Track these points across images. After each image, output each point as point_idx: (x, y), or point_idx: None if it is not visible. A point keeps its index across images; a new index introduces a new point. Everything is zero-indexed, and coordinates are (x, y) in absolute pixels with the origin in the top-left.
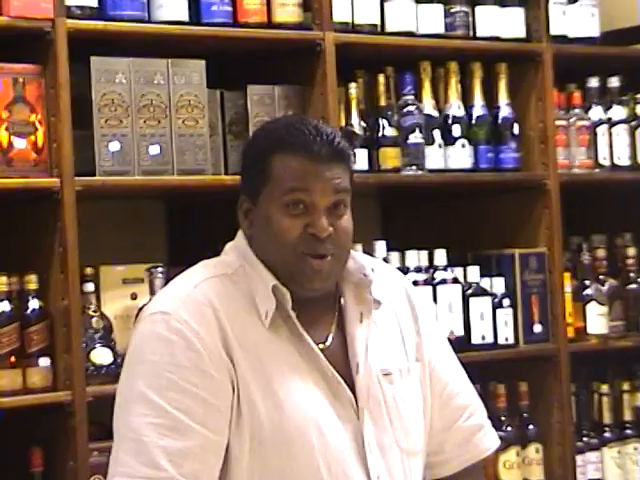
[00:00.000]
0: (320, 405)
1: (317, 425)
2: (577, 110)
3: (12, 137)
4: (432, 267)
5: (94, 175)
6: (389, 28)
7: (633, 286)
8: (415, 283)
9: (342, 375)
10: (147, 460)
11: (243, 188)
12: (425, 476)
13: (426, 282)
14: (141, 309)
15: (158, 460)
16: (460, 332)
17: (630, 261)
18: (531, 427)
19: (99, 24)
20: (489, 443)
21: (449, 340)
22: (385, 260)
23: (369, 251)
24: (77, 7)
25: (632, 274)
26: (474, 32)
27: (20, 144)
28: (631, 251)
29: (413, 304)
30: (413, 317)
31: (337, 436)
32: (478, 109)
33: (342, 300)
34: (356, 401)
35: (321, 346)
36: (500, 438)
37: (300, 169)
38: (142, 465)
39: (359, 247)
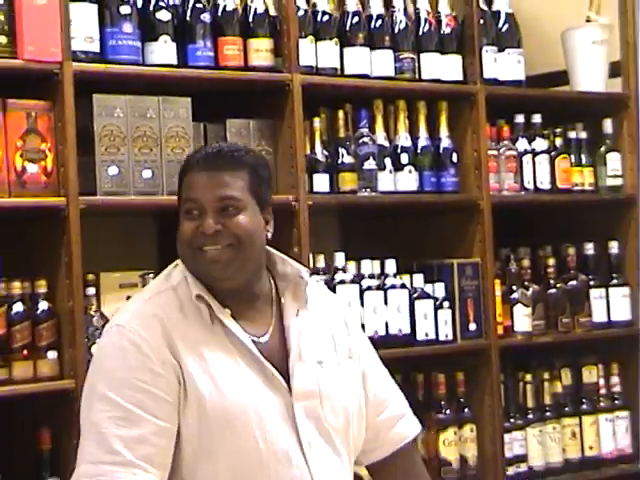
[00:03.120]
0: (256, 388)
1: (254, 406)
2: (506, 142)
3: (25, 163)
4: (383, 274)
5: (95, 195)
6: (347, 71)
7: (552, 291)
8: (369, 288)
9: (279, 361)
10: (107, 448)
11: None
12: (363, 460)
13: (378, 287)
14: None
15: (115, 447)
16: (407, 330)
17: (550, 269)
18: (466, 410)
19: (100, 66)
20: (411, 430)
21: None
22: (343, 269)
23: (330, 260)
24: (82, 52)
25: (552, 281)
26: (419, 75)
27: (32, 169)
28: (551, 261)
29: (345, 315)
30: (345, 326)
31: (272, 414)
32: (423, 140)
33: (282, 299)
34: (289, 382)
35: (262, 339)
36: (440, 420)
37: (193, 181)
38: (103, 452)
39: (321, 257)
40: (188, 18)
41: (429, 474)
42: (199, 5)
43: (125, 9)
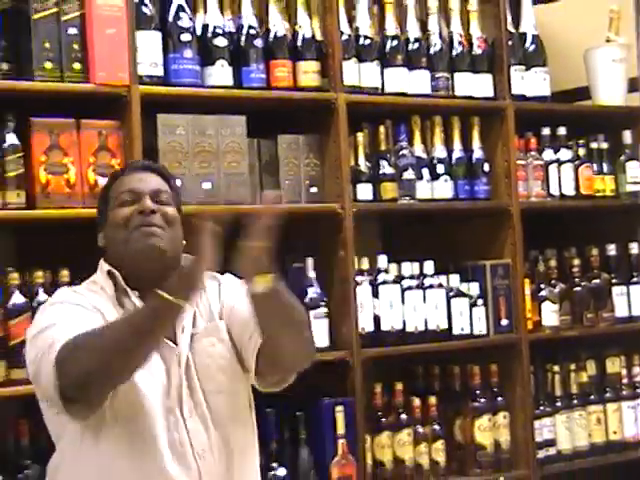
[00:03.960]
0: (148, 370)
1: (142, 379)
2: (533, 152)
3: (97, 177)
4: (422, 275)
5: None
6: (387, 89)
7: (578, 288)
8: (409, 288)
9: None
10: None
11: (98, 222)
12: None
13: (417, 287)
14: None
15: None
16: (444, 326)
17: (575, 269)
18: (499, 399)
19: (164, 89)
20: None
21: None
22: (385, 270)
23: (373, 262)
24: (147, 76)
25: (577, 279)
26: (453, 92)
27: (103, 182)
28: (576, 261)
29: (219, 281)
30: (218, 292)
31: (157, 384)
32: (457, 152)
33: None
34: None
35: None
36: (475, 408)
37: (128, 180)
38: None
39: (365, 260)
40: (242, 43)
41: (466, 459)
42: (252, 32)
43: (186, 36)
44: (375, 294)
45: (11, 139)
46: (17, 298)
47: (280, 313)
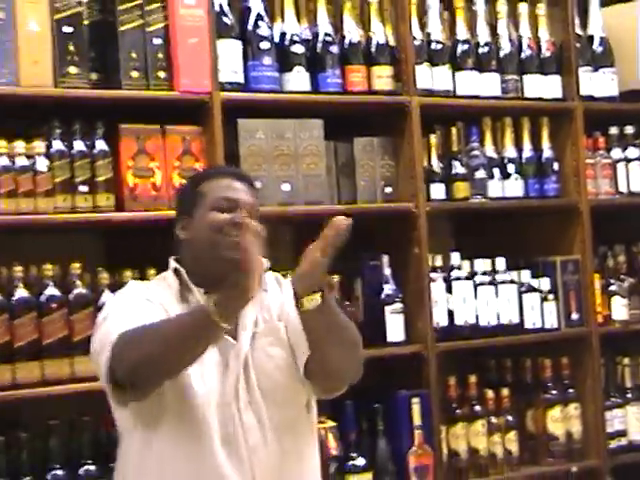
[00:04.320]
0: (207, 368)
1: (199, 378)
2: (601, 151)
3: (182, 180)
4: (494, 271)
5: None
6: (459, 92)
7: None
8: (482, 283)
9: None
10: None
11: (179, 215)
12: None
13: (490, 282)
14: None
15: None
16: (516, 320)
17: None
18: (571, 390)
19: (244, 95)
20: None
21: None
22: (458, 267)
23: (446, 259)
24: (228, 83)
25: None
26: (523, 94)
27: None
28: None
29: (281, 283)
30: (279, 291)
31: (213, 383)
32: (527, 152)
33: None
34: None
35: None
36: (547, 399)
37: (220, 183)
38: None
39: (439, 257)
40: (318, 50)
41: (538, 448)
42: (328, 38)
43: (265, 44)
44: (449, 290)
45: (100, 145)
46: (107, 296)
47: (328, 331)
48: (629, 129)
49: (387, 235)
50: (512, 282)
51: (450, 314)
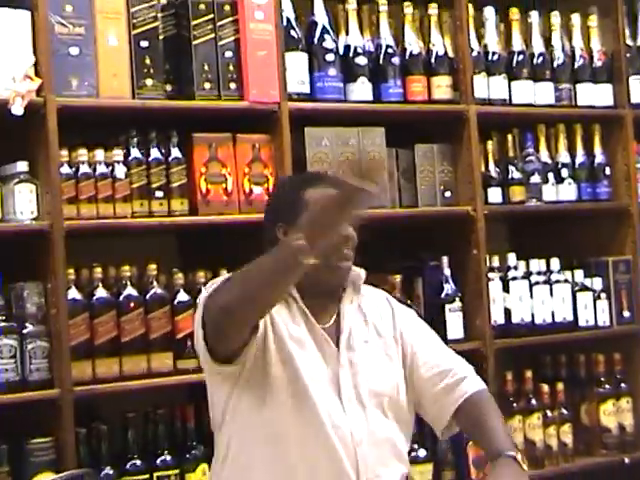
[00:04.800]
0: (311, 356)
1: (306, 366)
2: None
3: (252, 186)
4: (549, 271)
5: None
6: (514, 101)
7: None
8: (537, 283)
9: (335, 339)
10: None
11: (278, 218)
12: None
13: (545, 282)
14: None
15: None
16: (570, 318)
17: None
18: (623, 385)
19: (310, 104)
20: (469, 387)
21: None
22: (515, 267)
23: (503, 260)
24: (295, 93)
25: None
26: (575, 102)
27: (257, 190)
28: None
29: (393, 307)
30: (392, 316)
31: (320, 373)
32: (580, 157)
33: (343, 293)
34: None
35: (326, 325)
36: (600, 393)
37: (327, 192)
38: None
39: (496, 258)
40: (381, 62)
41: (592, 440)
42: (390, 50)
43: (330, 56)
44: (506, 289)
45: (175, 153)
46: (182, 296)
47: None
48: None
49: (447, 237)
50: (566, 281)
51: (507, 312)
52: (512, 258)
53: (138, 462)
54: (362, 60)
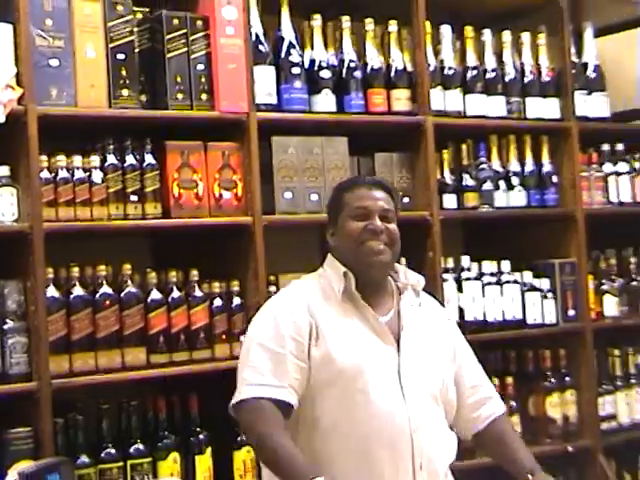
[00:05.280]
0: (370, 348)
1: (367, 358)
2: (594, 166)
3: (222, 190)
4: (500, 272)
5: (274, 214)
6: (468, 113)
7: (634, 283)
8: (489, 283)
9: (394, 333)
10: (261, 376)
11: (328, 221)
12: (462, 435)
13: (496, 282)
14: None
15: (268, 376)
16: (520, 316)
17: (632, 266)
18: (567, 379)
19: (277, 115)
20: (494, 410)
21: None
22: (468, 268)
23: (457, 262)
24: (263, 104)
25: (634, 275)
26: (525, 115)
27: (227, 195)
28: (633, 260)
29: (448, 317)
30: (446, 323)
31: (382, 367)
32: (529, 166)
33: (402, 295)
34: (399, 349)
35: (382, 319)
36: (546, 386)
37: (362, 194)
38: (258, 379)
39: (450, 259)
40: (344, 75)
41: (538, 430)
42: (352, 64)
43: (296, 70)
44: (459, 289)
45: (149, 159)
46: (155, 295)
47: None
48: (619, 146)
49: (405, 240)
50: (515, 282)
51: (461, 311)
52: (466, 260)
53: (112, 451)
54: (326, 73)
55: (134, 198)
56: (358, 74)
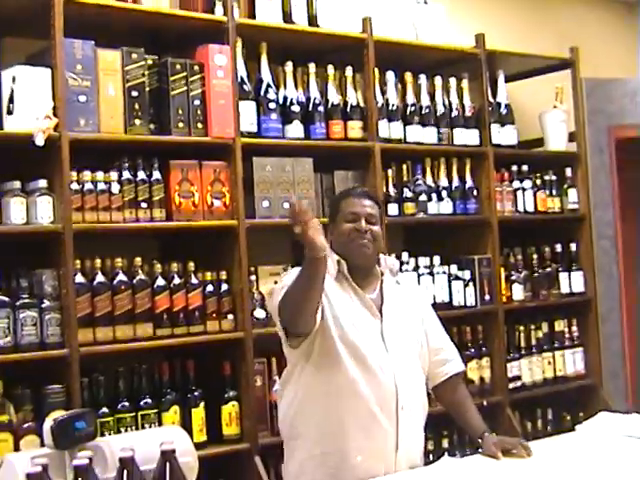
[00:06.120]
0: (362, 318)
1: (359, 324)
2: (506, 182)
3: (213, 200)
4: (432, 265)
5: (255, 218)
6: (408, 140)
7: (536, 274)
8: (423, 274)
9: (378, 306)
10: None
11: (329, 220)
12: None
13: (428, 273)
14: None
15: None
16: (447, 300)
17: (534, 261)
18: (484, 349)
19: (257, 140)
20: (452, 369)
21: (435, 303)
22: (407, 262)
23: (398, 257)
24: (246, 132)
25: (535, 268)
26: (452, 142)
27: (217, 203)
28: (535, 256)
29: (417, 291)
30: (417, 296)
31: (369, 332)
32: (455, 182)
33: (383, 276)
34: (382, 318)
35: (370, 295)
36: (467, 355)
37: (354, 202)
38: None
39: (393, 255)
40: (310, 109)
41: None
42: (317, 101)
43: (272, 105)
44: None
45: (156, 175)
46: (160, 281)
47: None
48: (525, 167)
49: None
50: (444, 273)
51: None
52: (405, 256)
53: (126, 404)
54: (296, 108)
55: (144, 205)
56: (321, 108)
